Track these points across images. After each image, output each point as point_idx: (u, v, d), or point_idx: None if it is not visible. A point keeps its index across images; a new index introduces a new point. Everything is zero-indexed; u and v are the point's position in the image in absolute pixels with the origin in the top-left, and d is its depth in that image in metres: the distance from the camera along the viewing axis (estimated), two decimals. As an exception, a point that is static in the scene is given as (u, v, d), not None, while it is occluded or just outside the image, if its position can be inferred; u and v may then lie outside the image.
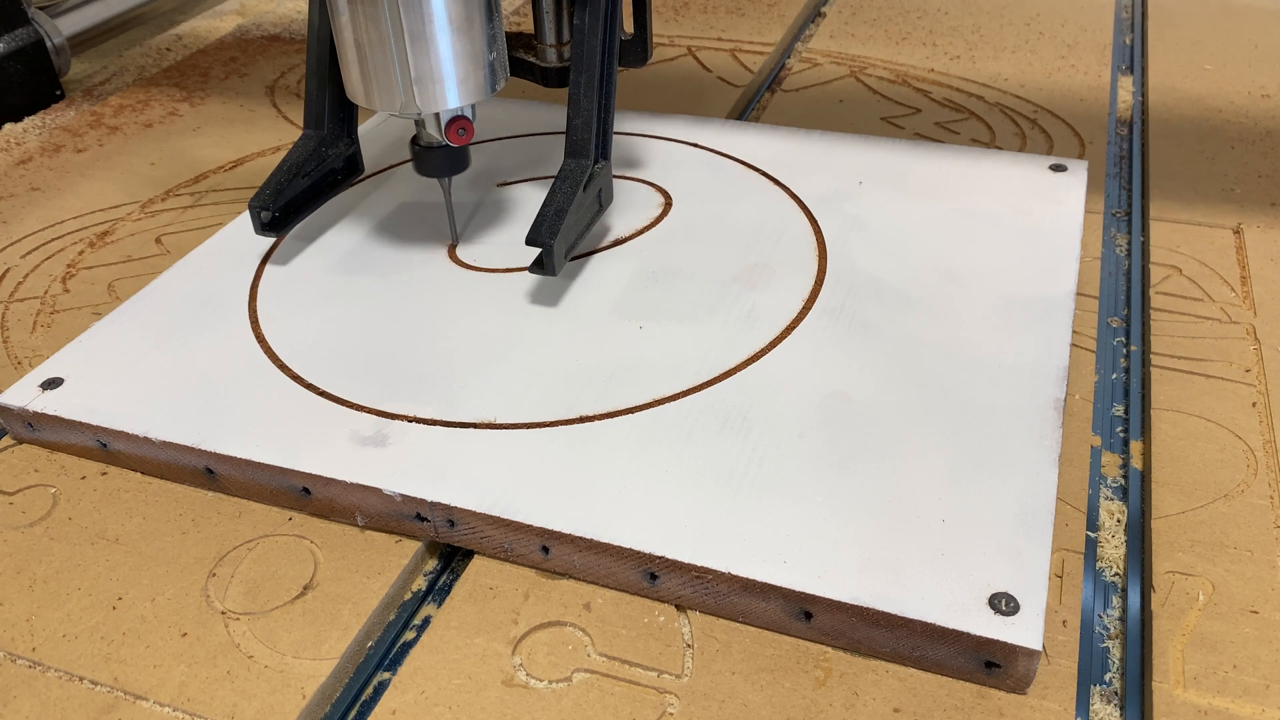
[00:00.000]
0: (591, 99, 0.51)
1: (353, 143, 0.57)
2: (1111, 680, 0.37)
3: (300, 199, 0.55)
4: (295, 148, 0.55)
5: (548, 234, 0.48)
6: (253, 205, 0.53)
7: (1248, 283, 0.54)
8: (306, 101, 0.55)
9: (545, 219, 0.48)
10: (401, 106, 0.48)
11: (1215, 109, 0.71)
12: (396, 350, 0.48)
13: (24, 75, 0.79)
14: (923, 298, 0.50)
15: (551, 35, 0.57)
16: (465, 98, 0.49)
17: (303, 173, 0.54)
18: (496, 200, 0.60)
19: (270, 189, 0.53)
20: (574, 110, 0.51)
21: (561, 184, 0.50)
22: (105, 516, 0.44)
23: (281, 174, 0.54)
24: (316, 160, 0.55)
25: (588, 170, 0.51)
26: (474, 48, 0.48)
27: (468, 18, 0.47)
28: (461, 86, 0.48)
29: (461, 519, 0.40)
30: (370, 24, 0.46)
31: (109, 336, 0.50)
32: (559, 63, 0.57)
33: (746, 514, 0.39)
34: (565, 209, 0.49)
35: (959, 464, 0.41)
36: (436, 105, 0.48)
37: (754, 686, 0.36)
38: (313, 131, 0.55)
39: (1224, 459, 0.44)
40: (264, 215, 0.53)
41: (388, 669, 0.38)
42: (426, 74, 0.47)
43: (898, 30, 0.86)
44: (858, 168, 0.61)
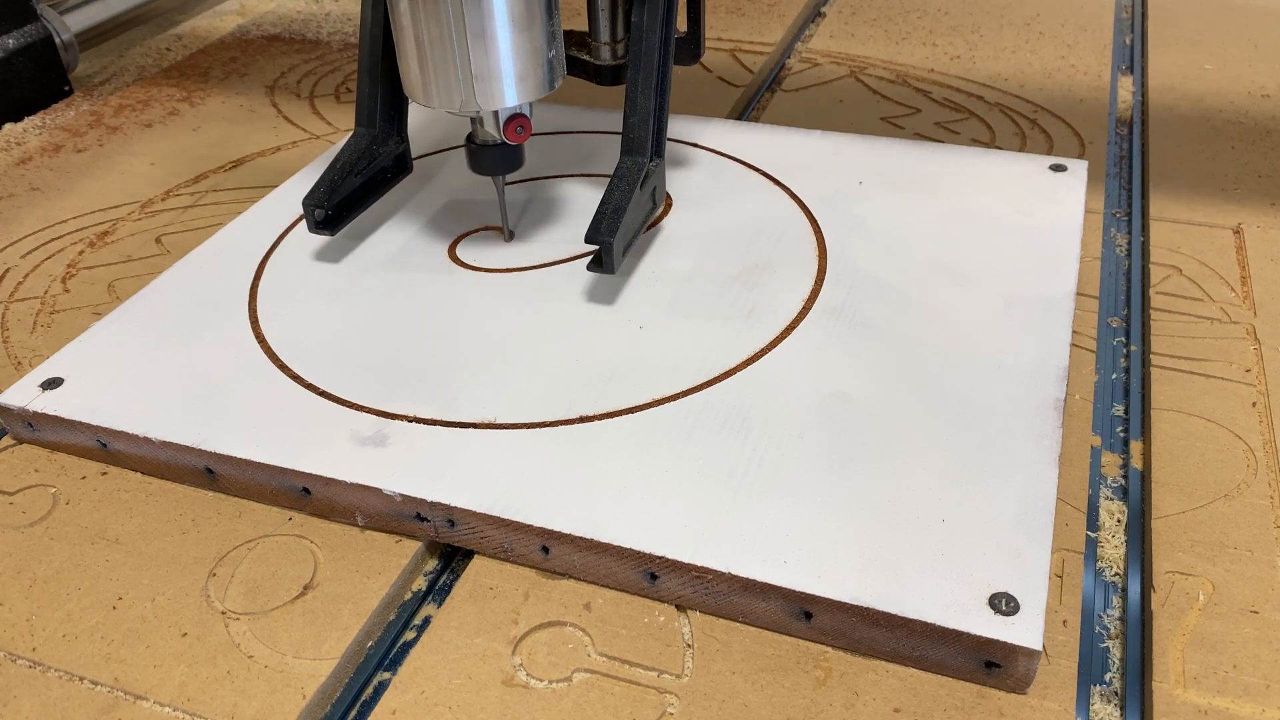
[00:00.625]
0: (649, 97, 0.50)
1: (403, 141, 0.57)
2: (1111, 680, 0.37)
3: (353, 197, 0.55)
4: (347, 145, 0.55)
5: (606, 231, 0.48)
6: (307, 203, 0.53)
7: (1248, 283, 0.54)
8: (359, 99, 0.55)
9: (604, 216, 0.48)
10: (461, 104, 0.48)
11: (1215, 109, 0.71)
12: (396, 350, 0.48)
13: (33, 71, 0.79)
14: (923, 298, 0.50)
15: (606, 33, 0.56)
16: (524, 95, 0.48)
17: (355, 170, 0.54)
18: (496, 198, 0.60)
19: (324, 187, 0.53)
20: (630, 108, 0.51)
21: (619, 182, 0.50)
22: (105, 516, 0.44)
23: (335, 172, 0.53)
24: (368, 158, 0.55)
25: (644, 168, 0.50)
26: (534, 45, 0.47)
27: (529, 14, 0.47)
28: (521, 84, 0.48)
29: (461, 519, 0.40)
30: (431, 20, 0.46)
31: (109, 336, 0.50)
32: (613, 60, 0.57)
33: (746, 514, 0.39)
34: (624, 207, 0.49)
35: (959, 464, 0.41)
36: (496, 103, 0.48)
37: (754, 686, 0.36)
38: (364, 129, 0.55)
39: (1224, 459, 0.44)
40: (318, 214, 0.53)
41: (388, 669, 0.38)
42: (487, 71, 0.47)
43: (898, 30, 0.86)
44: (858, 168, 0.61)
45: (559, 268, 0.54)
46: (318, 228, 0.54)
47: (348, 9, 0.98)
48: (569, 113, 0.69)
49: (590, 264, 0.49)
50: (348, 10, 0.98)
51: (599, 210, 0.49)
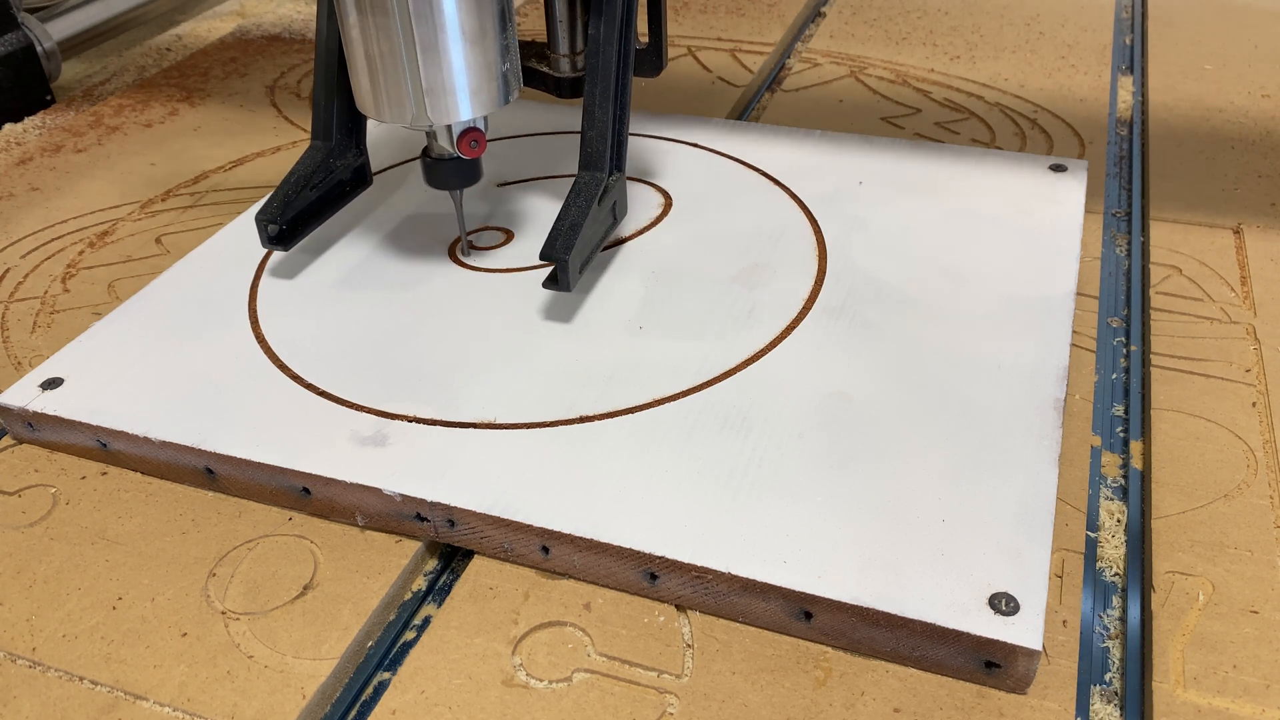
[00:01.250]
0: (606, 110, 0.50)
1: (361, 154, 0.56)
2: (1111, 680, 0.37)
3: (308, 211, 0.54)
4: (303, 159, 0.54)
5: (562, 249, 0.47)
6: (259, 219, 0.52)
7: (1248, 283, 0.54)
8: (315, 112, 0.54)
9: (560, 234, 0.47)
10: (412, 119, 0.47)
11: (1215, 109, 0.71)
12: (396, 350, 0.48)
13: (14, 80, 0.79)
14: (923, 298, 0.50)
15: (565, 45, 0.56)
16: (478, 109, 0.48)
17: (310, 185, 0.53)
18: (496, 200, 0.60)
19: (277, 202, 0.52)
20: (588, 122, 0.50)
21: (575, 197, 0.49)
22: (105, 516, 0.44)
23: (289, 186, 0.53)
24: (325, 172, 0.54)
25: (602, 183, 0.50)
26: (487, 59, 0.47)
27: (481, 28, 0.46)
28: (474, 98, 0.47)
29: (461, 519, 0.40)
30: (381, 35, 0.45)
31: (109, 336, 0.50)
32: (572, 72, 0.57)
33: (746, 514, 0.39)
34: (580, 223, 0.48)
35: (959, 464, 0.41)
36: (448, 117, 0.47)
37: (754, 686, 0.36)
38: (321, 143, 0.54)
39: (1224, 459, 0.44)
40: (270, 229, 0.52)
41: (388, 669, 0.38)
42: (438, 85, 0.46)
43: (898, 30, 0.86)
44: (858, 168, 0.61)
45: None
46: (270, 243, 0.53)
47: (348, 9, 0.98)
48: (569, 113, 0.69)
49: (545, 281, 0.48)
50: (348, 10, 0.98)
51: (555, 226, 0.48)
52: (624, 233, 0.56)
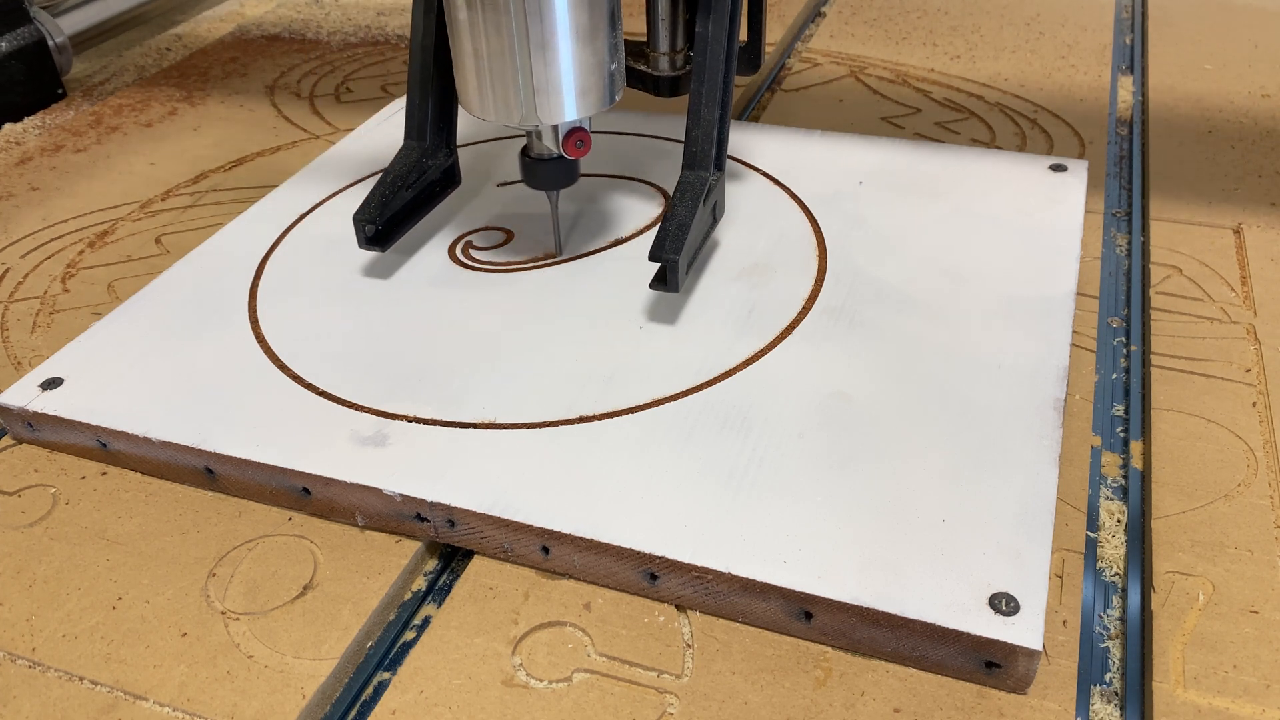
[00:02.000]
0: (713, 109, 0.49)
1: (451, 154, 0.56)
2: (1111, 680, 0.37)
3: (404, 212, 0.54)
4: (397, 159, 0.54)
5: (671, 249, 0.46)
6: (357, 219, 0.52)
7: (1248, 283, 0.54)
8: (408, 111, 0.54)
9: (668, 234, 0.47)
10: (521, 118, 0.46)
11: (1215, 109, 0.71)
12: (396, 350, 0.48)
13: (26, 74, 0.79)
14: (923, 298, 0.50)
15: (665, 43, 0.55)
16: (585, 109, 0.47)
17: (406, 185, 0.53)
18: (496, 200, 0.60)
19: (375, 202, 0.52)
20: (694, 121, 0.49)
21: (681, 197, 0.49)
22: (105, 516, 0.44)
23: (385, 186, 0.52)
24: (419, 171, 0.53)
25: (707, 182, 0.49)
26: (597, 57, 0.46)
27: (593, 26, 0.45)
28: (583, 98, 0.47)
29: (461, 519, 0.40)
30: (492, 31, 0.44)
31: (109, 336, 0.50)
32: (671, 71, 0.56)
33: (746, 514, 0.39)
34: (688, 223, 0.47)
35: (959, 464, 0.41)
36: (557, 117, 0.47)
37: (754, 686, 0.36)
38: (415, 142, 0.54)
39: (1224, 459, 0.44)
40: (368, 229, 0.52)
41: (388, 669, 0.38)
42: (549, 85, 0.45)
43: (898, 30, 0.86)
44: (858, 168, 0.61)
45: (559, 267, 0.54)
46: (368, 244, 0.52)
47: (348, 9, 0.98)
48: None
49: (652, 282, 0.48)
50: (348, 10, 0.98)
51: (662, 227, 0.47)
52: (624, 232, 0.56)
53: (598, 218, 0.57)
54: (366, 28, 0.93)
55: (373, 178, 0.63)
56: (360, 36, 0.91)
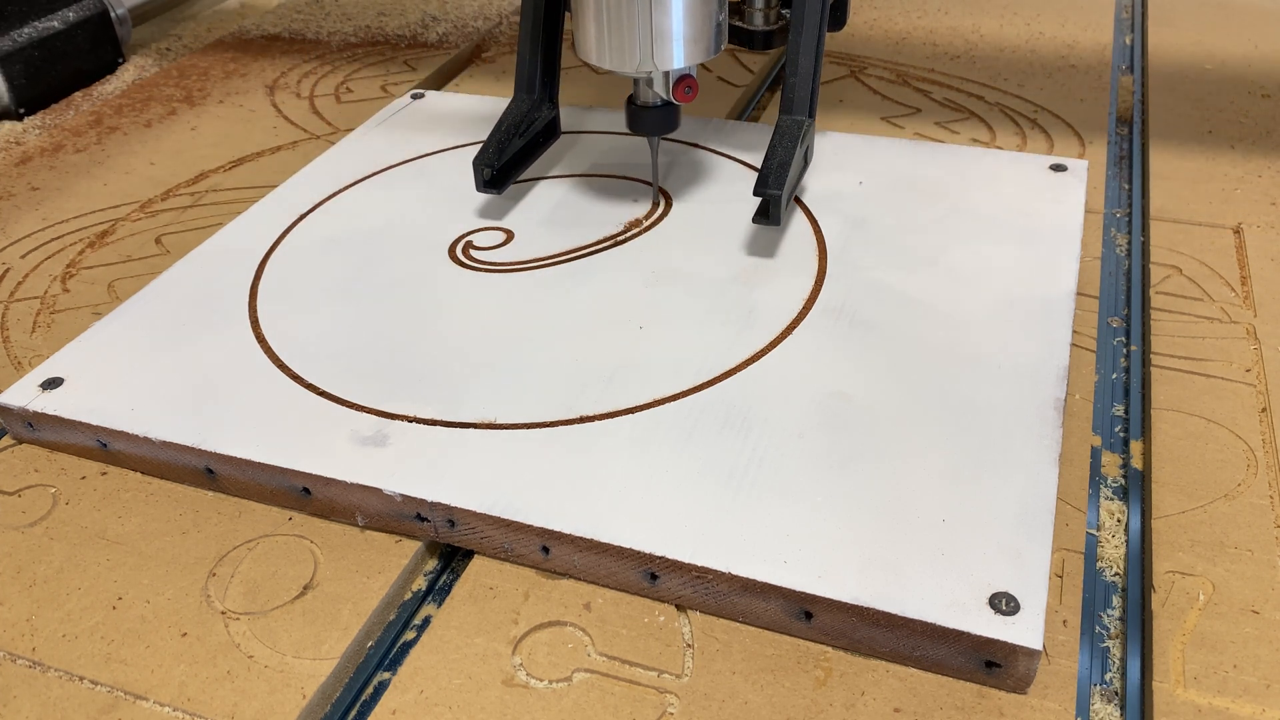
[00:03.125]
0: (810, 58, 0.53)
1: (554, 108, 0.60)
2: (1111, 680, 0.37)
3: (516, 158, 0.58)
4: (510, 109, 0.58)
5: (775, 184, 0.50)
6: (477, 163, 0.56)
7: (1248, 283, 0.54)
8: (519, 65, 0.58)
9: (771, 171, 0.51)
10: (638, 64, 0.50)
11: (1215, 109, 0.71)
12: (396, 350, 0.48)
13: (90, 43, 0.84)
14: (923, 298, 0.50)
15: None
16: (695, 57, 0.51)
17: (518, 133, 0.57)
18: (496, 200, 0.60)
19: (492, 147, 0.56)
20: (791, 69, 0.53)
21: (781, 139, 0.52)
22: (105, 516, 0.44)
23: (501, 134, 0.57)
24: (528, 122, 0.58)
25: (804, 126, 0.53)
26: (708, 8, 0.50)
27: None
28: (693, 46, 0.50)
29: (461, 519, 0.40)
30: None
31: (109, 336, 0.50)
32: (765, 25, 0.60)
33: (746, 514, 0.39)
34: (788, 162, 0.51)
35: (959, 464, 0.41)
36: (670, 63, 0.50)
37: (754, 686, 0.36)
38: (525, 95, 0.58)
39: (1224, 459, 0.44)
40: (486, 172, 0.56)
41: (388, 669, 0.38)
42: (665, 32, 0.49)
43: (898, 30, 0.86)
44: (858, 168, 0.61)
45: (559, 267, 0.54)
46: (485, 186, 0.56)
47: (347, 9, 0.98)
48: (571, 113, 0.69)
49: (755, 215, 0.52)
50: (347, 10, 0.98)
51: (764, 165, 0.51)
52: (624, 232, 0.56)
53: (598, 217, 0.57)
54: (366, 28, 0.93)
55: (373, 177, 0.63)
56: (360, 36, 0.91)
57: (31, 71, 0.79)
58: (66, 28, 0.81)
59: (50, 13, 0.80)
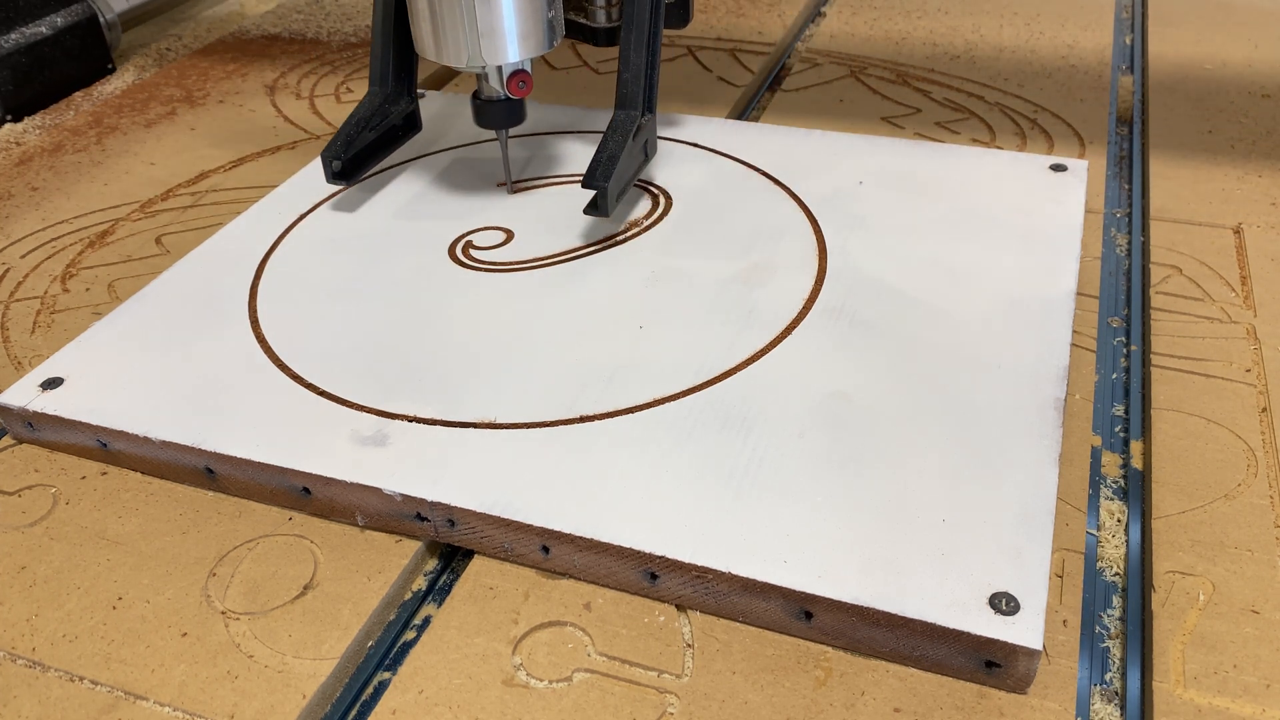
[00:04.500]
0: (641, 55, 0.54)
1: (413, 100, 0.61)
2: (1111, 680, 0.37)
3: (366, 151, 0.59)
4: (362, 103, 0.59)
5: (601, 177, 0.52)
6: (325, 155, 0.57)
7: (1248, 283, 0.54)
8: (372, 59, 0.59)
9: (599, 164, 0.52)
10: (468, 60, 0.52)
11: (1215, 109, 0.71)
12: (396, 350, 0.48)
13: (80, 49, 0.84)
14: (923, 298, 0.50)
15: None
16: (527, 52, 0.53)
17: (369, 126, 0.58)
18: (495, 200, 0.60)
19: (341, 140, 0.57)
20: (624, 64, 0.55)
21: (613, 133, 0.54)
22: (105, 516, 0.44)
23: (350, 126, 0.58)
24: (381, 115, 0.59)
25: (636, 121, 0.54)
26: (535, 5, 0.52)
27: None
28: (523, 42, 0.52)
29: (461, 519, 0.40)
30: None
31: (109, 336, 0.50)
32: (608, 23, 0.61)
33: (746, 514, 0.39)
34: (617, 155, 0.53)
35: (959, 464, 0.41)
36: (500, 58, 0.52)
37: (754, 686, 0.36)
38: (378, 88, 0.60)
39: (1224, 459, 0.44)
40: (335, 164, 0.57)
41: (388, 669, 0.38)
42: (492, 29, 0.51)
43: (898, 30, 0.86)
44: (858, 168, 0.61)
45: (559, 267, 0.54)
46: (334, 178, 0.57)
47: (347, 9, 0.98)
48: (571, 114, 0.69)
49: (586, 208, 0.53)
50: (347, 10, 0.98)
51: (595, 158, 0.52)
52: (624, 232, 0.56)
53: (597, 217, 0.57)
54: (366, 28, 0.93)
55: (373, 177, 0.63)
56: (360, 36, 0.91)
57: (20, 78, 0.79)
58: (54, 34, 0.81)
59: (38, 19, 0.80)
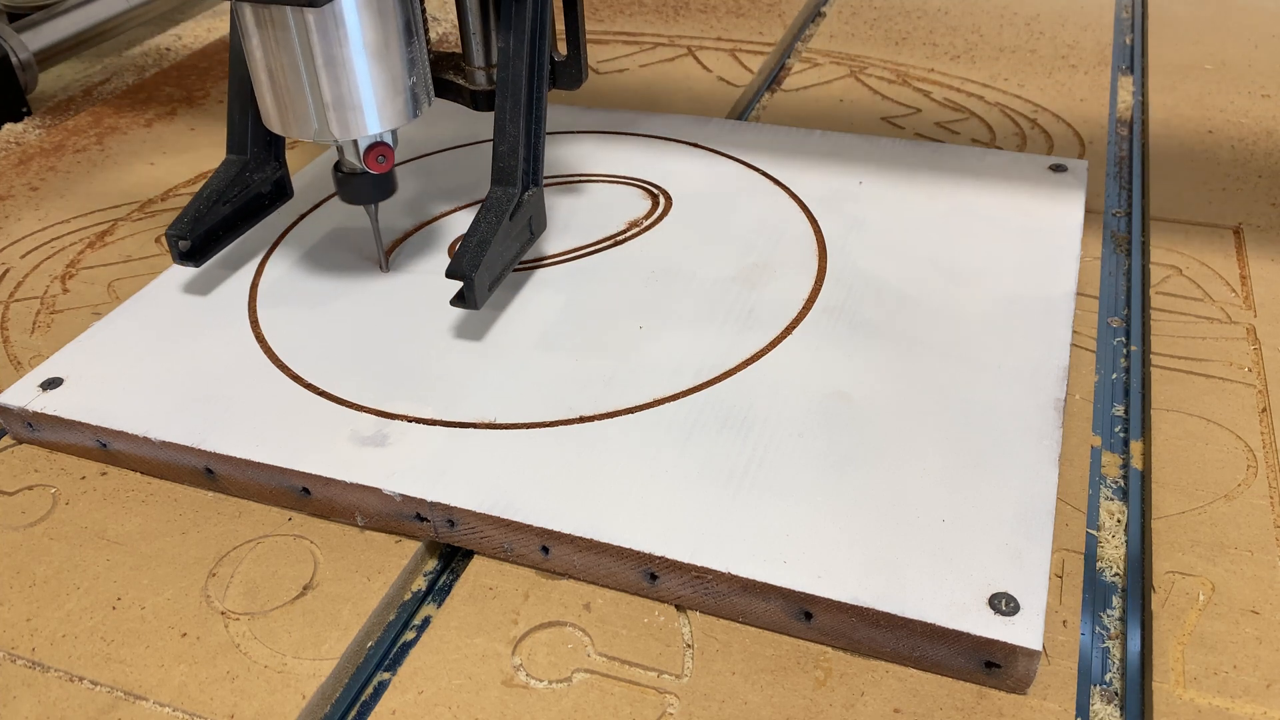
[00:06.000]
0: (518, 124, 0.49)
1: (280, 166, 0.55)
2: (1111, 680, 0.37)
3: (221, 226, 0.53)
4: (216, 174, 0.53)
5: (469, 266, 0.46)
6: (169, 234, 0.51)
7: (1248, 283, 0.54)
8: (229, 126, 0.53)
9: (467, 250, 0.47)
10: (315, 133, 0.46)
11: (1215, 109, 0.71)
12: (397, 350, 0.48)
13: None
14: (923, 298, 0.50)
15: (480, 57, 0.54)
16: (384, 124, 0.47)
17: (224, 199, 0.52)
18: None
19: (188, 217, 0.51)
20: (499, 136, 0.49)
21: (486, 214, 0.48)
22: (105, 516, 0.44)
23: (200, 201, 0.52)
24: (240, 185, 0.53)
25: (515, 199, 0.49)
26: (392, 73, 0.46)
27: (384, 42, 0.45)
28: (380, 112, 0.47)
29: (461, 519, 0.40)
30: (281, 49, 0.44)
31: (109, 336, 0.50)
32: (488, 85, 0.55)
33: (746, 514, 0.39)
34: (489, 240, 0.47)
35: (959, 464, 0.41)
36: (354, 132, 0.47)
37: (754, 686, 0.36)
38: (236, 156, 0.53)
39: (1224, 459, 0.44)
40: (181, 245, 0.51)
41: (388, 669, 0.38)
42: (341, 100, 0.45)
43: (898, 30, 0.86)
44: (858, 168, 0.61)
45: (559, 267, 0.54)
46: (181, 259, 0.52)
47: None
48: (569, 113, 0.69)
49: (453, 299, 0.47)
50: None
51: (463, 243, 0.47)
52: (624, 232, 0.56)
53: (596, 217, 0.57)
54: (366, 28, 0.93)
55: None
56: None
57: None
58: None
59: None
